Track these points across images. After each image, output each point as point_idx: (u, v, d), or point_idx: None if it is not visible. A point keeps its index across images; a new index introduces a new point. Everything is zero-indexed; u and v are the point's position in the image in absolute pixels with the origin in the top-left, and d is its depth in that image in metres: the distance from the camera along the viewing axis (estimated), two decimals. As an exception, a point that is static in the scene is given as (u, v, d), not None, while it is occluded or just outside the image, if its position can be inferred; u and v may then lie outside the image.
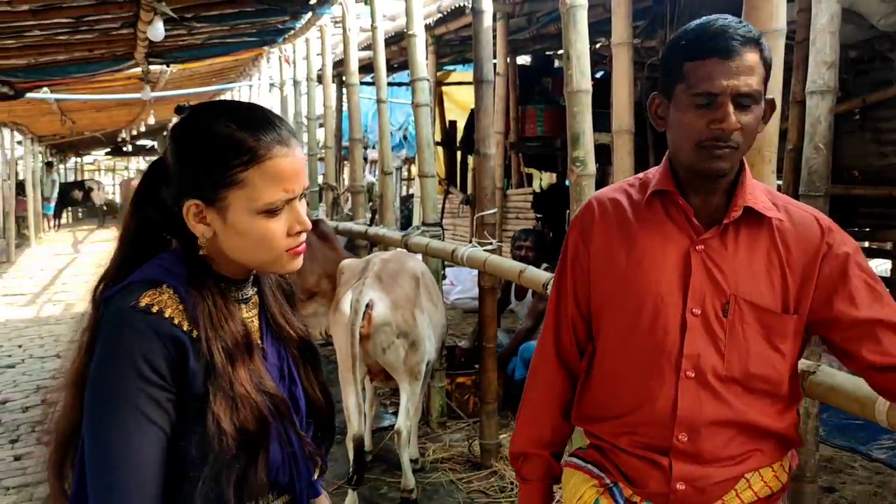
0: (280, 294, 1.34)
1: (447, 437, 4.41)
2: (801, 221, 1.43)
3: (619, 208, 1.52)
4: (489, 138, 4.01)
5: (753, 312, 1.39)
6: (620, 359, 1.49)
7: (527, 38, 7.14)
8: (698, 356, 1.40)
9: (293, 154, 1.17)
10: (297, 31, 6.92)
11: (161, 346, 1.09)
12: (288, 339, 1.30)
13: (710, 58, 1.33)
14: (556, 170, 9.33)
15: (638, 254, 1.47)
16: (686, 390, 1.41)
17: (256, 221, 1.15)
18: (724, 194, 1.43)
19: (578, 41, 2.85)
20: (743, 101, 1.33)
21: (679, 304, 1.42)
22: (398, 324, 3.49)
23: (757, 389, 1.41)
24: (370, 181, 10.03)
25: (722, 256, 1.41)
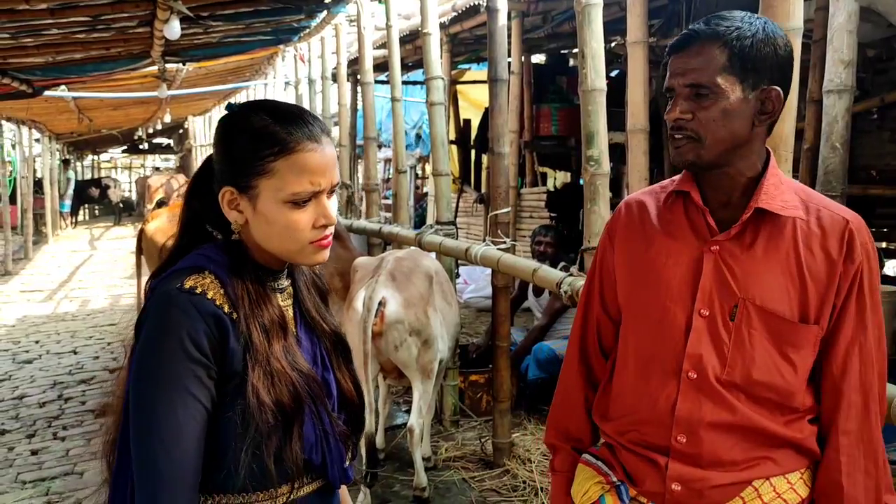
0: (314, 290, 1.40)
1: (460, 435, 4.41)
2: (830, 224, 1.37)
3: (644, 210, 1.53)
4: (503, 137, 4.00)
5: (762, 318, 1.36)
6: (629, 357, 1.50)
7: (541, 36, 7.13)
8: (700, 357, 1.38)
9: (322, 150, 1.22)
10: (312, 30, 6.94)
11: (204, 324, 1.16)
12: (321, 331, 1.36)
13: (672, 54, 1.39)
14: (571, 169, 9.30)
15: (653, 254, 1.47)
16: (686, 391, 1.39)
17: (283, 211, 1.21)
18: (744, 194, 1.41)
19: (593, 40, 2.84)
20: (699, 91, 1.33)
21: (688, 305, 1.41)
22: (410, 322, 3.50)
23: (761, 397, 1.37)
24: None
25: (736, 258, 1.39)
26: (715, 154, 1.36)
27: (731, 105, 1.33)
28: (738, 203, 1.41)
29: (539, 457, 3.93)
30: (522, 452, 3.98)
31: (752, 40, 1.32)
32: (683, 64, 1.35)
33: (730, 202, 1.42)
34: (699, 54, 1.34)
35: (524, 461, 3.91)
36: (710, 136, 1.35)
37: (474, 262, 3.82)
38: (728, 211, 1.42)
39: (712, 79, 1.32)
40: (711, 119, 1.34)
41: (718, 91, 1.33)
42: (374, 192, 6.11)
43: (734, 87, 1.33)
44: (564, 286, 2.86)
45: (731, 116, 1.34)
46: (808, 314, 1.36)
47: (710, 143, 1.35)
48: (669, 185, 1.52)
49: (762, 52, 1.33)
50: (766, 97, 1.35)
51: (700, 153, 1.36)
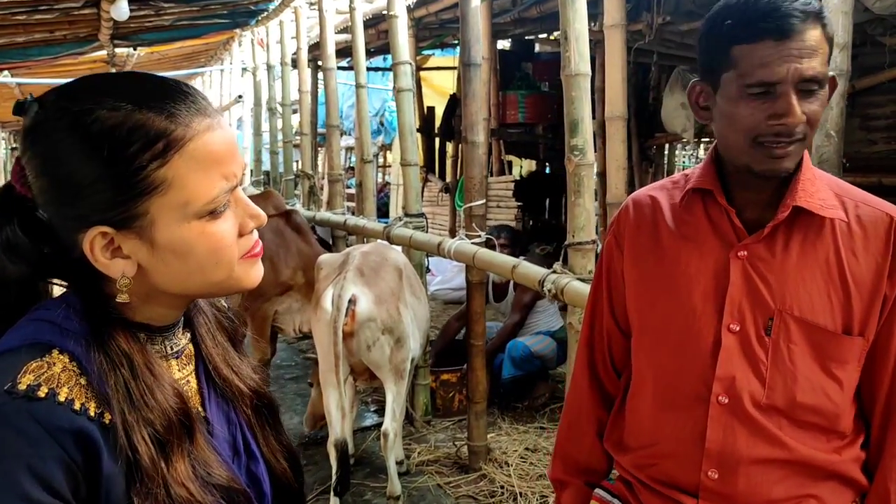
0: (221, 335, 1.01)
1: (432, 436, 4.24)
2: (872, 222, 1.19)
3: (657, 209, 1.33)
4: (477, 125, 3.81)
5: (804, 331, 1.19)
6: (647, 380, 1.31)
7: (507, 21, 6.93)
8: (733, 379, 1.20)
9: (220, 124, 0.85)
10: (271, 13, 6.64)
11: (57, 448, 0.75)
12: (237, 396, 0.98)
13: (765, 39, 1.12)
14: (538, 157, 9.16)
15: (670, 260, 1.28)
16: (717, 419, 1.21)
17: (199, 228, 0.83)
18: (774, 191, 1.23)
19: (577, 20, 2.66)
20: (808, 86, 1.11)
21: (714, 319, 1.22)
22: (383, 319, 3.31)
23: (806, 423, 1.20)
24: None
25: (768, 265, 1.21)
26: (802, 154, 1.19)
27: (826, 96, 1.15)
28: (767, 202, 1.23)
29: (517, 459, 3.77)
30: (499, 455, 3.81)
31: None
32: (797, 53, 1.10)
33: (759, 200, 1.24)
34: (812, 40, 1.11)
35: (501, 464, 3.74)
36: (811, 136, 1.16)
37: (448, 256, 3.63)
38: (756, 211, 1.24)
39: (825, 71, 1.13)
40: (818, 118, 1.14)
41: (825, 84, 1.14)
42: (338, 182, 5.87)
43: (827, 78, 1.15)
44: (548, 284, 2.69)
45: (823, 109, 1.16)
46: (851, 325, 1.19)
47: (808, 145, 1.17)
48: (683, 180, 1.34)
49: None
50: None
51: (799, 156, 1.17)
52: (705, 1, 5.41)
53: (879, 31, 5.15)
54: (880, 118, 5.95)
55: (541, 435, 4.15)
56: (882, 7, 4.54)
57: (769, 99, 1.13)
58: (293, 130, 7.20)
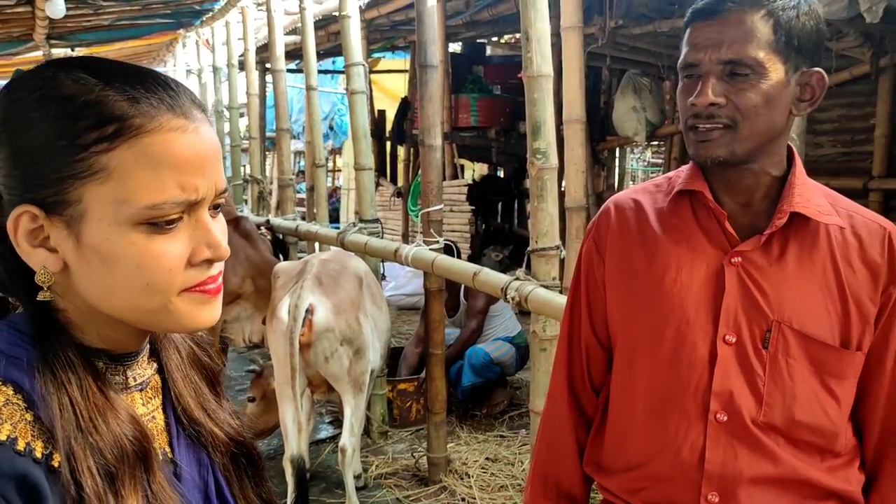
0: (196, 372, 0.88)
1: (390, 448, 4.13)
2: (867, 233, 1.15)
3: (641, 212, 1.26)
4: (435, 128, 3.72)
5: (802, 344, 1.13)
6: (636, 396, 1.23)
7: (459, 24, 6.88)
8: (730, 395, 1.14)
9: (196, 131, 0.74)
10: (217, 13, 6.46)
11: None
12: (212, 441, 0.86)
13: (696, 21, 1.14)
14: (490, 161, 9.13)
15: (660, 267, 1.21)
16: (717, 437, 1.14)
17: (132, 238, 0.71)
18: (767, 195, 1.17)
19: (538, 20, 2.60)
20: (735, 70, 1.09)
21: (709, 330, 1.16)
22: (342, 329, 3.19)
23: (803, 441, 1.14)
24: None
25: (764, 273, 1.15)
26: (749, 148, 1.12)
27: (773, 89, 1.10)
28: (759, 206, 1.17)
29: (477, 470, 3.69)
30: (459, 466, 3.72)
31: (797, 11, 1.10)
32: (717, 34, 1.10)
33: (749, 205, 1.18)
34: (739, 23, 1.09)
35: (462, 476, 3.66)
36: (748, 125, 1.10)
37: (405, 263, 3.53)
38: (747, 215, 1.18)
39: (755, 55, 1.09)
40: (751, 105, 1.10)
41: (761, 70, 1.09)
42: (289, 187, 5.72)
43: (777, 67, 1.10)
44: (511, 292, 2.61)
45: (772, 103, 1.10)
46: (850, 339, 1.13)
47: (746, 135, 1.11)
48: (665, 183, 1.27)
49: (807, 27, 1.11)
50: (806, 82, 1.13)
51: (733, 147, 1.12)
52: (657, 5, 5.44)
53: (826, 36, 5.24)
54: (826, 122, 6.07)
55: (501, 444, 4.07)
56: (829, 12, 4.61)
57: (693, 82, 1.13)
58: (241, 134, 7.01)
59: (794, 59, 1.11)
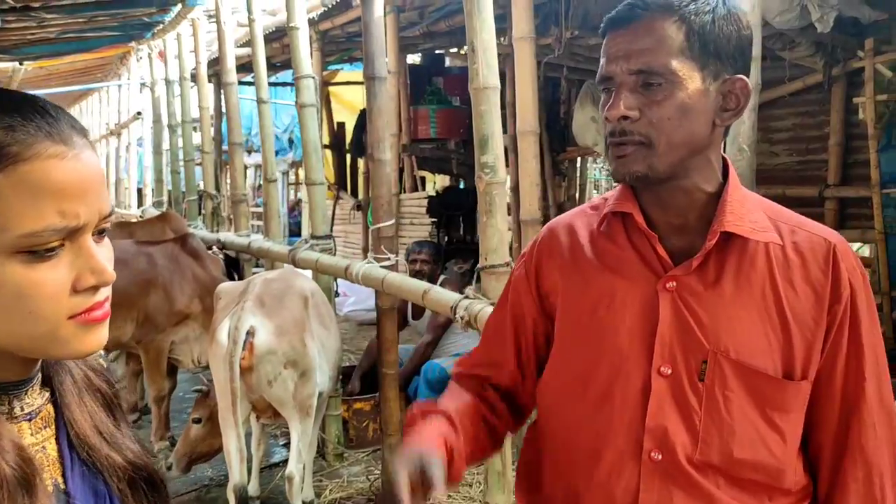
0: (94, 400, 0.87)
1: (346, 470, 4.00)
2: (810, 248, 1.07)
3: (575, 237, 1.18)
4: (384, 141, 3.62)
5: (741, 376, 1.04)
6: (567, 433, 1.14)
7: (416, 35, 6.80)
8: (665, 431, 1.05)
9: (76, 157, 0.74)
10: (167, 26, 6.32)
11: None
12: (108, 467, 0.84)
13: (609, 31, 1.08)
14: (451, 172, 9.06)
15: (593, 296, 1.12)
16: (651, 479, 1.05)
17: (11, 267, 0.71)
18: (702, 214, 1.09)
19: (484, 31, 2.52)
20: (646, 80, 1.02)
21: (643, 362, 1.07)
22: (285, 352, 3.06)
23: (746, 480, 1.05)
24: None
25: (700, 300, 1.06)
26: (670, 163, 1.04)
27: (690, 99, 1.02)
28: (694, 226, 1.09)
29: (434, 493, 3.58)
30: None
31: (712, 15, 1.03)
32: (627, 44, 1.03)
33: (684, 225, 1.10)
34: (649, 31, 1.02)
35: (418, 498, 3.54)
36: (665, 139, 1.03)
37: (356, 280, 3.43)
38: (683, 237, 1.10)
39: (666, 63, 1.01)
40: (665, 117, 1.02)
41: (674, 80, 1.02)
42: (242, 202, 5.59)
43: (692, 76, 1.02)
44: (460, 311, 2.53)
45: (690, 114, 1.03)
46: (793, 368, 1.05)
47: (665, 149, 1.03)
48: (602, 204, 1.19)
49: (725, 32, 1.04)
50: (729, 90, 1.05)
51: (652, 162, 1.04)
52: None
53: (779, 45, 5.26)
54: (782, 131, 6.10)
55: (459, 463, 3.97)
56: (782, 22, 4.63)
57: (609, 95, 1.06)
58: (195, 148, 6.85)
59: (712, 66, 1.03)
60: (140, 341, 4.07)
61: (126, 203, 10.18)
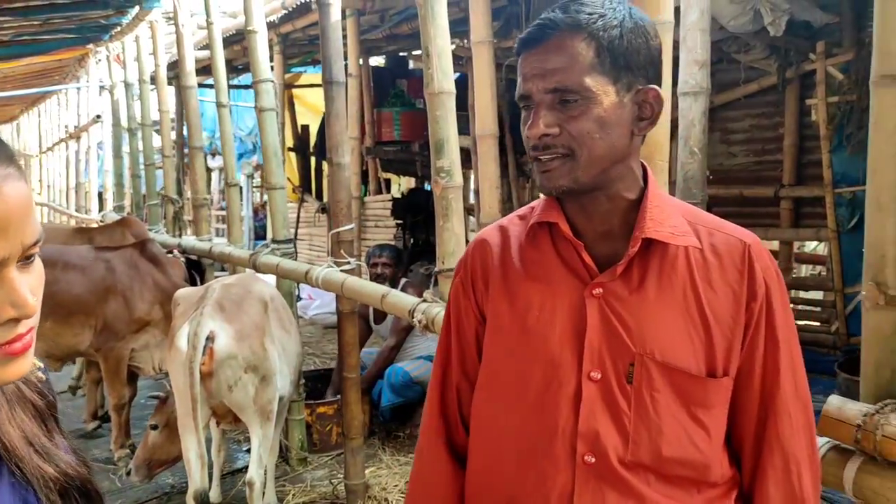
0: (24, 410, 0.86)
1: (309, 475, 3.99)
2: (727, 250, 1.11)
3: (505, 246, 1.20)
4: (343, 145, 3.63)
5: (666, 376, 1.08)
6: (501, 440, 1.16)
7: (379, 37, 6.81)
8: (597, 435, 1.08)
9: None
10: (125, 28, 6.24)
11: None
12: (40, 479, 0.83)
13: (523, 51, 1.11)
14: (416, 175, 9.07)
15: (522, 306, 1.15)
16: (585, 482, 1.08)
17: None
18: (625, 221, 1.12)
19: (439, 36, 2.54)
20: (565, 97, 1.05)
21: (574, 368, 1.10)
22: (245, 356, 3.05)
23: (675, 476, 1.09)
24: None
25: (625, 304, 1.09)
26: (592, 175, 1.08)
27: (606, 112, 1.06)
28: (618, 233, 1.13)
29: (397, 495, 3.59)
30: (378, 492, 3.62)
31: (620, 30, 1.06)
32: (541, 63, 1.06)
33: (609, 232, 1.13)
34: (560, 50, 1.05)
35: (380, 501, 3.55)
36: (586, 152, 1.06)
37: (315, 285, 3.43)
38: (607, 244, 1.13)
39: (580, 80, 1.04)
40: (585, 132, 1.05)
41: (589, 95, 1.05)
42: (204, 206, 5.54)
43: (607, 90, 1.06)
44: (418, 314, 2.54)
45: (608, 126, 1.06)
46: (715, 365, 1.09)
47: (587, 162, 1.06)
48: (529, 213, 1.21)
49: (634, 45, 1.07)
50: (643, 99, 1.09)
51: (576, 175, 1.07)
52: (572, 18, 5.49)
53: (735, 48, 5.37)
54: (739, 132, 6.22)
55: (423, 465, 3.98)
56: (736, 25, 4.72)
57: (528, 113, 1.10)
58: (155, 152, 6.77)
59: (624, 78, 1.07)
60: (99, 349, 4.02)
61: (87, 207, 10.03)
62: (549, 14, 1.08)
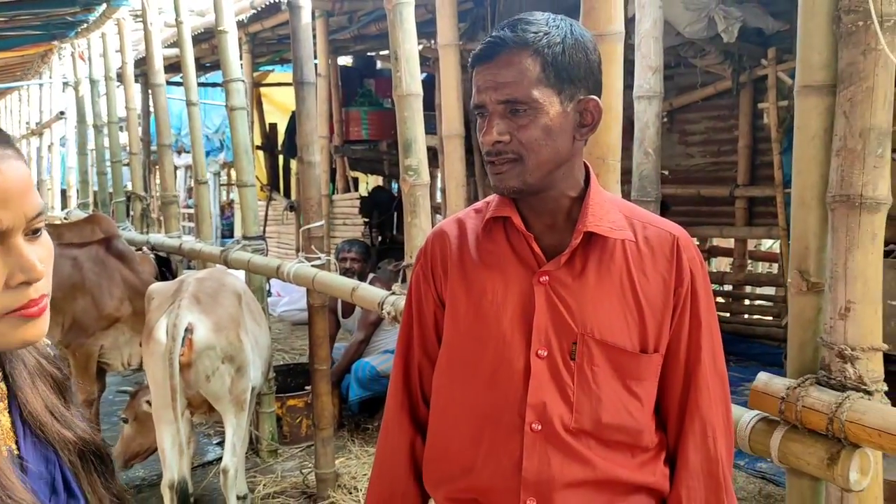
0: (45, 383, 0.96)
1: (279, 466, 4.09)
2: (658, 242, 1.25)
3: (462, 238, 1.33)
4: (313, 144, 3.73)
5: (604, 353, 1.22)
6: (458, 412, 1.30)
7: (348, 37, 6.90)
8: (544, 405, 1.22)
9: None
10: (91, 25, 6.24)
11: None
12: (60, 441, 0.94)
13: (476, 65, 1.23)
14: (383, 173, 9.17)
15: (477, 292, 1.28)
16: (532, 446, 1.22)
17: None
18: (569, 216, 1.26)
19: (406, 41, 2.66)
20: (515, 107, 1.18)
21: (523, 346, 1.24)
22: (223, 347, 3.15)
23: (613, 441, 1.23)
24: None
25: (569, 289, 1.23)
26: (539, 176, 1.21)
27: (552, 121, 1.19)
28: (563, 226, 1.27)
29: (366, 484, 3.70)
30: (348, 481, 3.73)
31: (562, 46, 1.19)
32: (493, 77, 1.19)
33: (555, 226, 1.27)
34: (510, 65, 1.18)
35: (350, 490, 3.66)
36: (534, 157, 1.19)
37: (287, 280, 3.52)
38: (554, 236, 1.27)
39: (528, 93, 1.17)
40: (533, 139, 1.18)
41: (537, 106, 1.18)
42: (173, 203, 5.58)
43: (552, 101, 1.19)
44: (387, 306, 2.66)
45: (553, 133, 1.19)
46: (647, 343, 1.24)
47: (534, 166, 1.20)
48: (484, 208, 1.35)
49: (575, 59, 1.20)
50: (584, 108, 1.22)
51: (525, 177, 1.20)
52: (536, 22, 5.64)
53: (691, 53, 5.56)
54: (696, 133, 6.44)
55: (391, 455, 4.10)
56: (692, 31, 4.91)
57: (483, 121, 1.22)
58: (121, 149, 6.77)
59: (567, 90, 1.19)
60: (68, 345, 4.05)
61: (50, 205, 9.94)
62: (499, 32, 1.20)
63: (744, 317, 6.38)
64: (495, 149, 1.19)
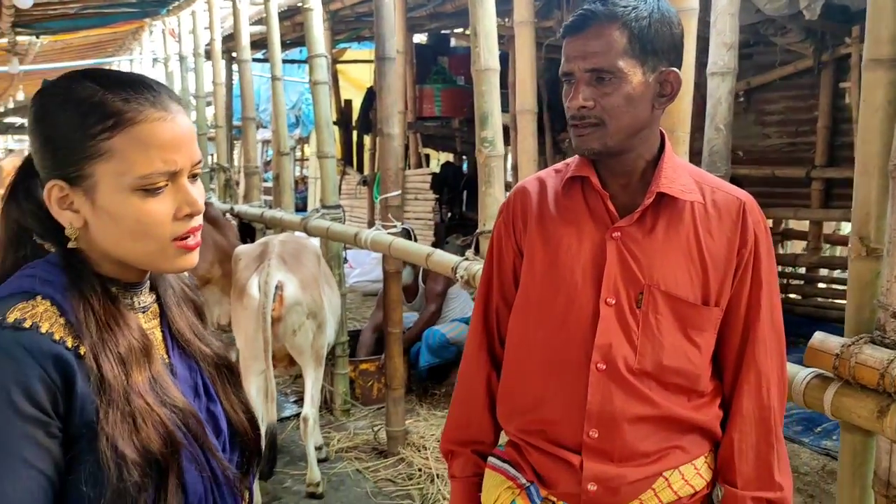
0: (188, 307, 1.16)
1: (352, 424, 4.31)
2: (725, 205, 1.35)
3: (541, 196, 1.46)
4: (392, 118, 3.88)
5: (668, 303, 1.33)
6: (531, 351, 1.43)
7: (423, 15, 7.02)
8: (609, 346, 1.34)
9: (173, 119, 0.99)
10: (183, 3, 6.55)
11: (39, 368, 0.90)
12: (201, 355, 1.13)
13: (567, 36, 1.33)
14: (455, 150, 9.30)
15: (554, 244, 1.41)
16: (596, 383, 1.34)
17: (131, 200, 0.97)
18: (643, 178, 1.37)
19: (486, 17, 2.78)
20: (600, 76, 1.29)
21: (593, 295, 1.36)
22: (308, 303, 3.40)
23: (671, 384, 1.34)
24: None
25: (638, 244, 1.35)
26: (619, 140, 1.32)
27: (634, 89, 1.29)
28: (636, 187, 1.38)
29: (434, 443, 3.89)
30: (417, 439, 3.92)
31: (649, 20, 1.29)
32: (582, 47, 1.30)
33: (629, 186, 1.38)
34: (598, 36, 1.28)
35: (419, 448, 3.85)
36: (615, 122, 1.30)
37: (364, 246, 3.71)
38: (627, 195, 1.38)
39: (614, 63, 1.28)
40: (615, 105, 1.29)
41: (621, 75, 1.28)
42: (255, 174, 5.85)
43: (635, 71, 1.29)
44: (460, 271, 2.80)
45: (634, 101, 1.30)
46: (709, 297, 1.34)
47: (614, 130, 1.31)
48: (564, 168, 1.47)
49: (660, 33, 1.30)
50: (665, 79, 1.32)
51: (605, 141, 1.32)
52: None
53: (771, 31, 5.48)
54: (773, 114, 6.34)
55: (458, 419, 4.27)
56: (772, 8, 4.85)
57: (570, 87, 1.33)
58: (208, 123, 7.10)
59: (650, 61, 1.29)
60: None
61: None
62: (590, 5, 1.31)
63: (817, 300, 6.29)
64: (580, 113, 1.30)
